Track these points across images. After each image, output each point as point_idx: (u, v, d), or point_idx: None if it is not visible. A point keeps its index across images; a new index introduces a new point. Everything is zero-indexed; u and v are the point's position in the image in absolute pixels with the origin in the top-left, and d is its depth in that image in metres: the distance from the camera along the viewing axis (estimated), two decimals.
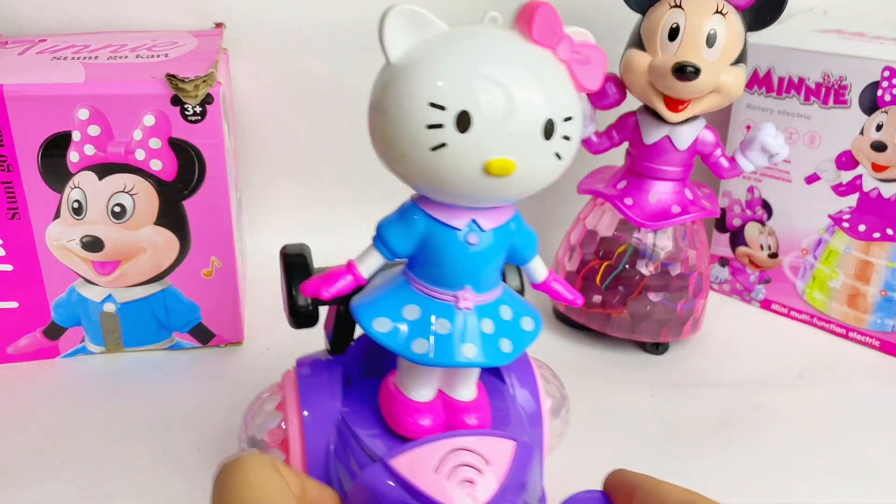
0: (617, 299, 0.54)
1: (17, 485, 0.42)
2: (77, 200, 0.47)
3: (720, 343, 0.58)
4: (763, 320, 0.62)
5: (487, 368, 0.37)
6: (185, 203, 0.48)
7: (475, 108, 0.27)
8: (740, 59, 0.48)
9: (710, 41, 0.47)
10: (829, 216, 0.57)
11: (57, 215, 0.47)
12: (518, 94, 0.27)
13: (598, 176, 0.56)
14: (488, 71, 0.27)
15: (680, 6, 0.47)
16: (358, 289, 0.32)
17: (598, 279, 0.54)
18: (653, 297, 0.54)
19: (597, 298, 0.55)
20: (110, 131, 0.45)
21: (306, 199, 0.66)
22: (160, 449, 0.44)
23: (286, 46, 0.61)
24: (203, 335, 0.53)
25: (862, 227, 0.56)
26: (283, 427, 0.35)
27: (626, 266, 0.54)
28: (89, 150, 0.46)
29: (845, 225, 0.57)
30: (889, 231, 0.55)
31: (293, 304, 0.35)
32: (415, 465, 0.31)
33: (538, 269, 0.35)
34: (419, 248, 0.31)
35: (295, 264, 0.35)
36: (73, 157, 0.46)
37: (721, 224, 0.63)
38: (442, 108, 0.27)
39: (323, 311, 0.36)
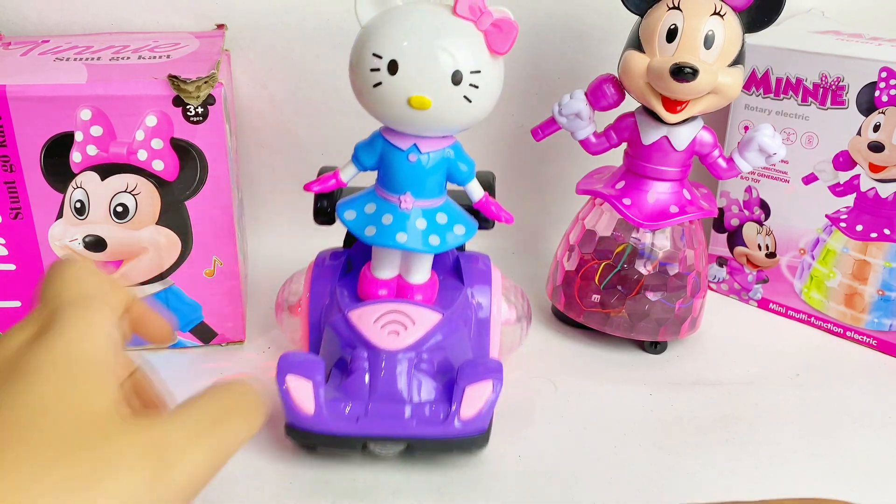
0: (615, 299, 0.55)
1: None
2: (79, 200, 0.47)
3: (718, 342, 0.58)
4: (761, 320, 0.62)
5: (454, 275, 0.49)
6: (187, 203, 0.48)
7: (401, 58, 0.38)
8: (738, 61, 0.48)
9: (708, 42, 0.47)
10: (827, 216, 0.57)
11: (60, 215, 0.47)
12: (432, 50, 0.38)
13: (597, 176, 0.56)
14: (414, 33, 0.38)
15: (678, 7, 0.47)
16: (342, 191, 0.47)
17: (596, 279, 0.55)
18: (651, 296, 0.54)
19: (595, 298, 0.55)
20: (112, 132, 0.46)
21: (307, 198, 0.67)
22: None
23: (287, 47, 0.61)
24: (205, 334, 0.53)
25: (859, 227, 0.56)
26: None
27: (625, 266, 0.54)
28: (92, 150, 0.46)
29: (843, 225, 0.57)
30: (886, 231, 0.55)
31: (315, 207, 0.49)
32: (363, 316, 0.44)
33: (473, 191, 0.44)
34: (379, 162, 0.43)
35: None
36: (75, 157, 0.46)
37: (719, 224, 0.63)
38: (380, 56, 0.38)
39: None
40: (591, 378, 0.53)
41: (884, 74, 0.52)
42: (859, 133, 0.54)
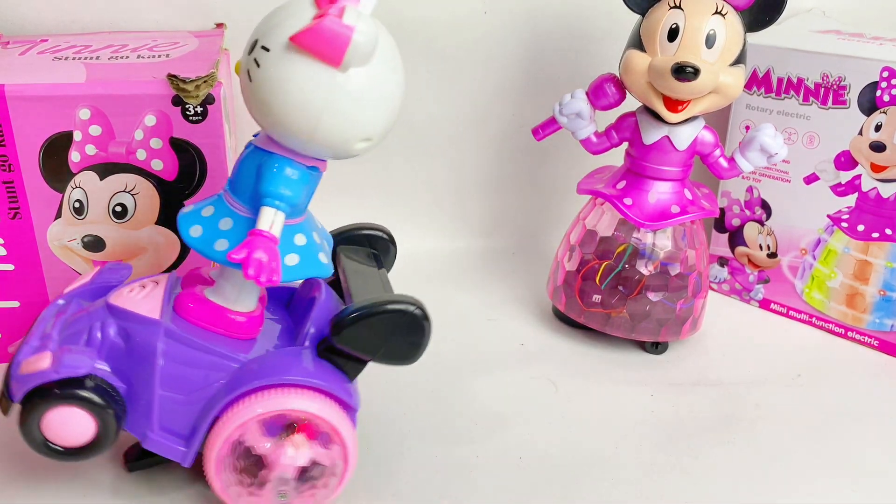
0: (616, 299, 0.54)
1: (18, 484, 0.42)
2: (78, 200, 0.47)
3: (719, 343, 0.58)
4: (762, 320, 0.62)
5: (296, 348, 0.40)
6: (187, 203, 0.48)
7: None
8: (739, 60, 0.48)
9: (710, 42, 0.47)
10: (828, 216, 0.57)
11: (58, 215, 0.47)
12: (262, 20, 0.35)
13: (598, 176, 0.56)
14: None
15: (679, 7, 0.47)
16: None
17: (597, 279, 0.55)
18: (652, 296, 0.54)
19: (596, 298, 0.55)
20: (111, 131, 0.45)
21: None
22: None
23: None
24: None
25: (861, 227, 0.56)
26: None
27: (626, 266, 0.54)
28: (90, 149, 0.46)
29: (844, 225, 0.57)
30: (888, 231, 0.55)
31: None
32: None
33: (259, 217, 0.35)
34: None
35: None
36: (74, 156, 0.46)
37: (720, 224, 0.63)
38: None
39: None
40: (591, 378, 0.53)
41: (885, 74, 0.52)
42: (861, 133, 0.54)
